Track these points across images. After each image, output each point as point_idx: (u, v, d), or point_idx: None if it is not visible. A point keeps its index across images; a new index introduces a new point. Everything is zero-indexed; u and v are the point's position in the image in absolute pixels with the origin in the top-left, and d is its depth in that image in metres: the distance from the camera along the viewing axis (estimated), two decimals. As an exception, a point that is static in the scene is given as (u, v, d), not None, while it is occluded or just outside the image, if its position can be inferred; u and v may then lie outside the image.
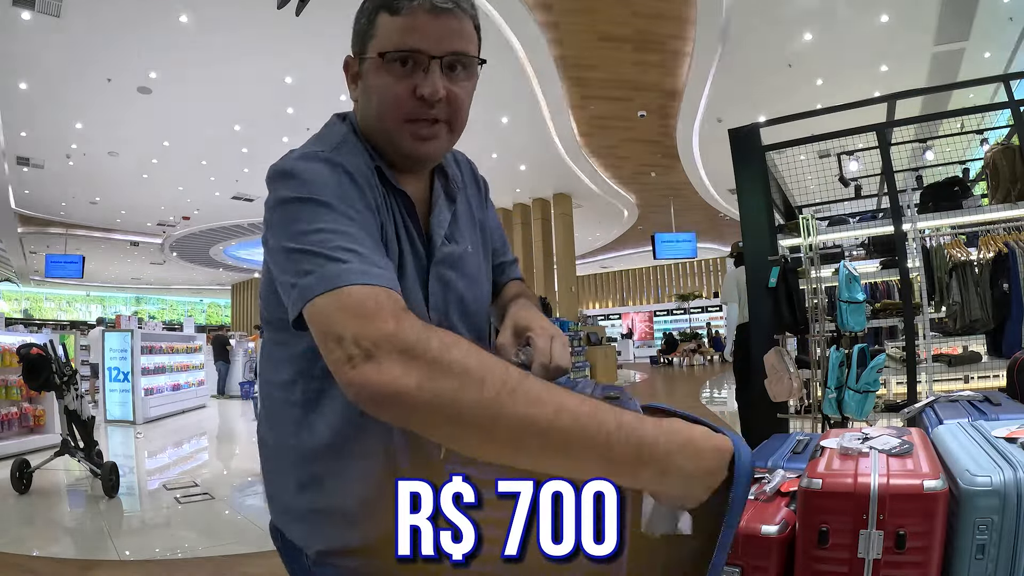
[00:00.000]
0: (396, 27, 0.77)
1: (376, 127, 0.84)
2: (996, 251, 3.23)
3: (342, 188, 0.74)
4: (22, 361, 4.68)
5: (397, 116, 0.80)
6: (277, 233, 0.73)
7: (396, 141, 0.82)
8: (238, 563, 3.04)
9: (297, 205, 0.72)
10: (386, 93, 0.80)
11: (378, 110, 0.82)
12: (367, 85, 0.83)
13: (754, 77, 8.43)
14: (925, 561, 1.16)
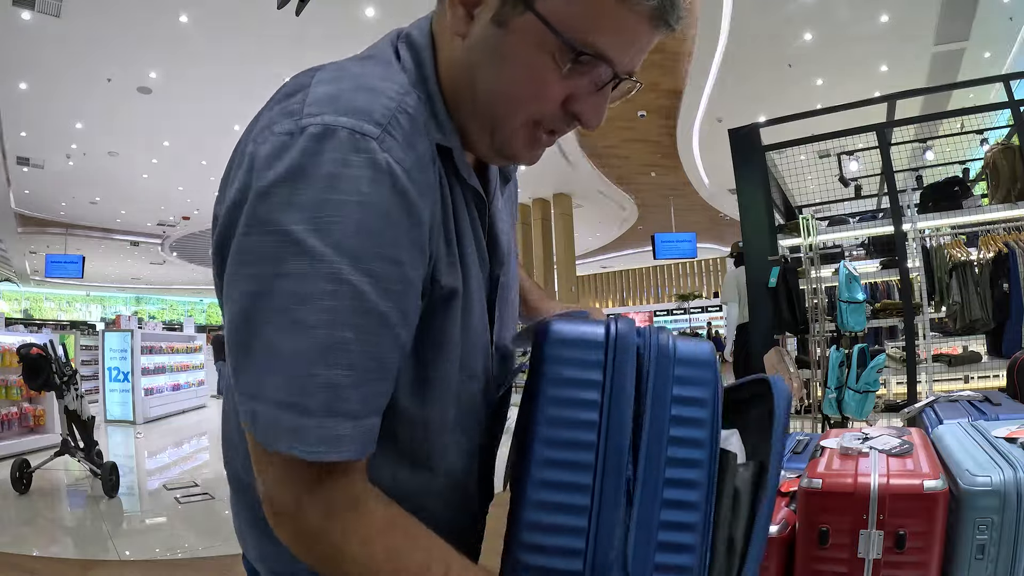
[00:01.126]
0: (608, 12, 0.51)
1: (487, 106, 0.57)
2: (996, 251, 3.23)
3: (383, 223, 0.48)
4: (22, 361, 4.68)
5: (527, 114, 0.57)
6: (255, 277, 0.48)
7: (505, 137, 0.58)
8: (238, 563, 3.03)
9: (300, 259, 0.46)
10: (537, 82, 0.54)
11: (509, 92, 0.56)
12: (506, 48, 0.53)
13: (754, 77, 8.42)
14: (925, 561, 1.16)
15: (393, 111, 0.50)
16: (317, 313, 0.46)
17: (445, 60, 0.58)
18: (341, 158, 0.47)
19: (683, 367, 0.56)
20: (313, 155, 0.46)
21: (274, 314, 0.47)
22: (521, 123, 0.57)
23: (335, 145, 0.47)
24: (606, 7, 0.50)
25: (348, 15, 6.83)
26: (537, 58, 0.52)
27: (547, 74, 0.53)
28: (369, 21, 6.95)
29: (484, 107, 0.57)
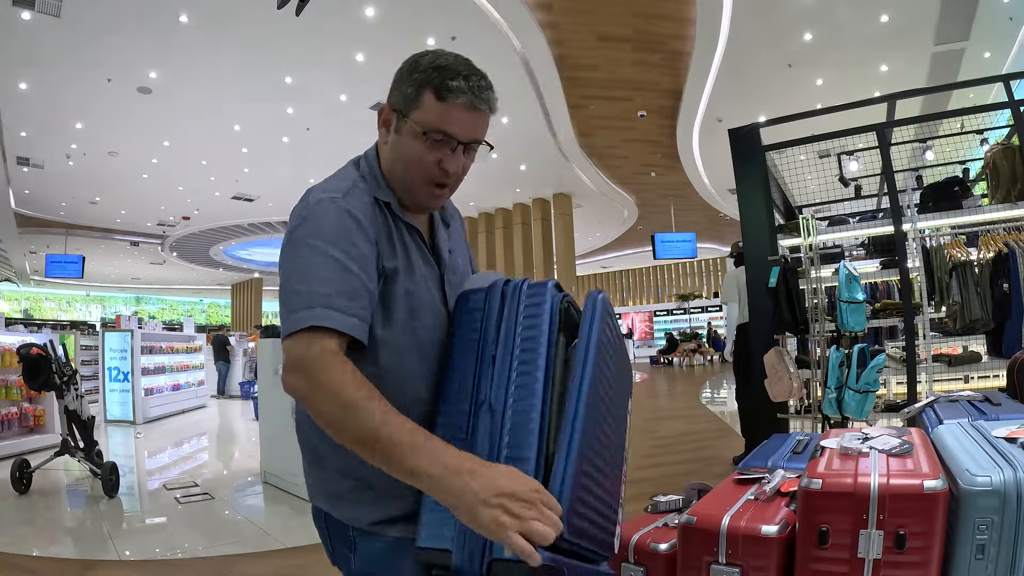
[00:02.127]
0: (438, 111, 0.96)
1: (401, 177, 1.02)
2: (996, 251, 3.23)
3: (344, 229, 0.93)
4: (22, 361, 4.68)
5: (422, 177, 1.01)
6: (285, 265, 0.95)
7: (416, 194, 1.03)
8: (238, 563, 3.03)
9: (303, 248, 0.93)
10: (418, 158, 0.99)
11: (406, 167, 1.01)
12: (401, 143, 1.00)
13: (754, 77, 8.42)
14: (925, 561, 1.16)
15: (345, 188, 0.98)
16: (318, 269, 0.90)
17: (383, 158, 1.05)
18: (325, 207, 0.95)
19: (528, 296, 0.98)
20: (313, 207, 0.96)
21: (296, 273, 0.92)
22: (422, 184, 1.01)
23: (320, 201, 0.96)
24: (439, 108, 0.95)
25: (348, 15, 6.83)
26: (416, 144, 0.98)
27: (424, 152, 0.98)
28: (369, 21, 6.95)
29: (403, 178, 1.02)
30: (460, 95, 0.95)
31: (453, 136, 0.97)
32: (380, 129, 1.04)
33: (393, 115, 1.00)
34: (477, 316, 0.99)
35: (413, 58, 1.00)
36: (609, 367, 0.99)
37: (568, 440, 0.85)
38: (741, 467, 1.77)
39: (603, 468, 0.95)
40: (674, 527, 1.56)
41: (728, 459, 4.73)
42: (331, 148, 11.02)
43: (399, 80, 1.00)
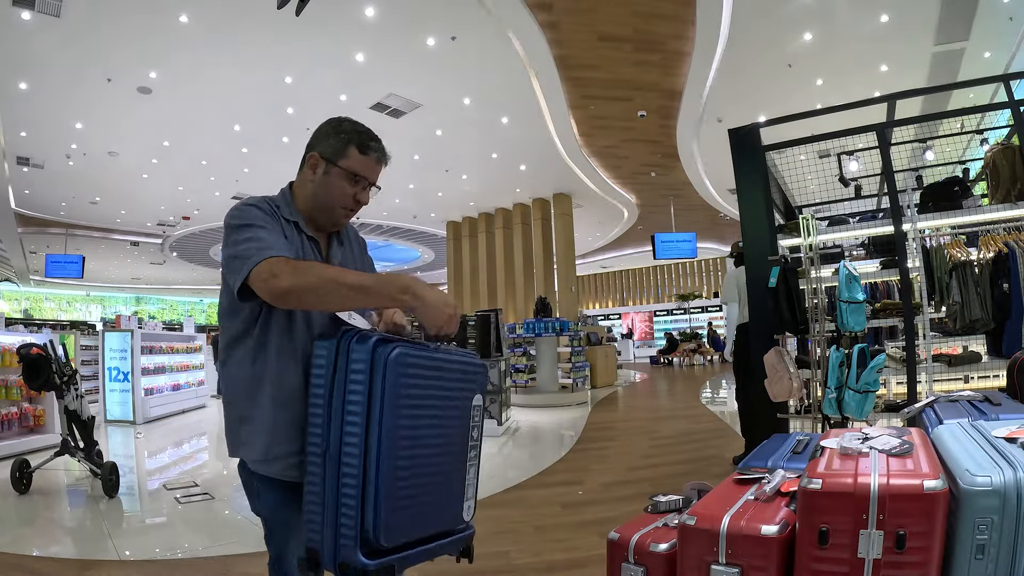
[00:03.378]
0: (359, 160, 1.43)
1: (323, 202, 1.44)
2: (996, 251, 3.24)
3: (259, 218, 1.34)
4: (22, 361, 4.68)
5: (341, 204, 1.44)
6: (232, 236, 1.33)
7: (333, 215, 1.45)
8: (238, 563, 3.03)
9: (239, 233, 1.32)
10: (340, 192, 1.43)
11: (329, 196, 1.43)
12: (328, 181, 1.42)
13: (754, 77, 8.42)
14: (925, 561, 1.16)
15: (261, 200, 1.40)
16: (248, 241, 1.28)
17: (300, 191, 1.46)
18: (245, 207, 1.37)
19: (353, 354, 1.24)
20: (239, 207, 1.38)
21: (233, 245, 1.30)
22: (339, 209, 1.44)
23: (244, 204, 1.38)
24: (361, 159, 1.42)
25: (348, 15, 6.83)
26: (340, 182, 1.41)
27: (346, 187, 1.42)
28: (369, 21, 6.95)
29: (324, 203, 1.43)
30: (375, 152, 1.44)
31: (367, 179, 1.44)
32: (306, 170, 1.44)
33: (321, 161, 1.42)
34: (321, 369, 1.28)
35: (336, 120, 1.49)
36: (416, 406, 1.24)
37: (375, 475, 1.16)
38: (741, 467, 1.77)
39: (425, 473, 1.25)
40: (674, 527, 1.56)
41: (728, 459, 4.73)
42: (331, 148, 11.04)
43: (325, 135, 1.45)
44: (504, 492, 4.32)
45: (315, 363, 1.27)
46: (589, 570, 2.66)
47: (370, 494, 1.16)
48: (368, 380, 1.19)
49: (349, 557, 1.15)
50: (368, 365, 1.19)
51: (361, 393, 1.18)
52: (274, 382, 1.32)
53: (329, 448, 1.20)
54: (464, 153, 11.59)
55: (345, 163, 1.41)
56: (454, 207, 15.59)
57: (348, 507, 1.17)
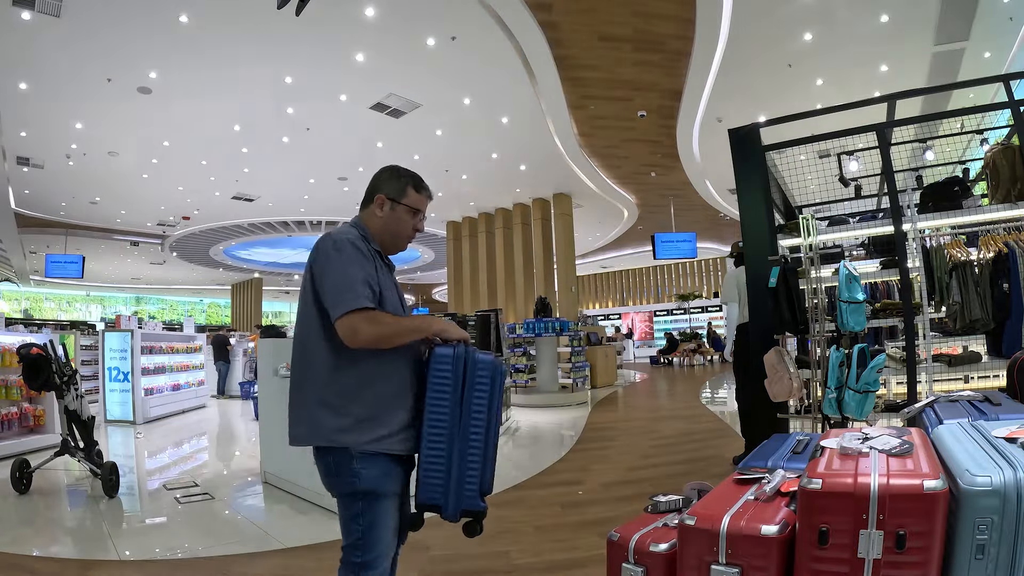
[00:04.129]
0: (416, 198, 1.84)
1: (392, 232, 1.82)
2: (996, 251, 3.23)
3: (353, 249, 1.67)
4: (22, 361, 4.68)
5: (406, 233, 1.85)
6: (329, 267, 1.65)
7: (399, 242, 1.85)
8: (238, 563, 3.03)
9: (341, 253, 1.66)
10: (405, 223, 1.83)
11: (398, 227, 1.82)
12: (395, 215, 1.81)
13: (754, 77, 8.42)
14: (925, 561, 1.16)
15: (349, 233, 1.73)
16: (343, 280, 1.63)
17: (372, 225, 1.81)
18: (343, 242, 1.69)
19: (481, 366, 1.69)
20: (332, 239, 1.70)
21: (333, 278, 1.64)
22: (405, 237, 1.85)
23: (338, 237, 1.71)
24: (417, 198, 1.85)
25: (348, 15, 6.83)
26: (406, 215, 1.83)
27: (409, 219, 1.84)
28: (369, 21, 6.95)
29: (393, 233, 1.83)
30: (425, 191, 1.87)
31: (422, 211, 1.86)
32: (373, 208, 1.80)
33: (387, 201, 1.80)
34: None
35: (392, 168, 1.86)
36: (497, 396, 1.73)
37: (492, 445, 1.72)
38: (741, 467, 1.77)
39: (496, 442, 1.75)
40: (674, 527, 1.56)
41: (728, 459, 4.73)
42: (331, 148, 11.04)
43: (387, 180, 1.82)
44: (504, 492, 4.32)
45: (440, 366, 1.66)
46: (589, 570, 2.66)
47: (489, 459, 1.68)
48: (491, 380, 1.68)
49: (473, 504, 1.65)
50: (490, 370, 1.68)
51: (485, 388, 1.67)
52: (387, 377, 1.67)
53: (459, 428, 1.65)
54: (464, 153, 11.59)
55: (407, 200, 1.81)
56: (454, 207, 15.59)
57: (472, 470, 1.65)
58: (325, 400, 1.62)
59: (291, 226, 16.75)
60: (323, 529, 3.52)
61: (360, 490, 1.62)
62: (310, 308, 1.67)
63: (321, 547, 3.24)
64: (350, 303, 1.56)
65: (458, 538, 2.22)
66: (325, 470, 1.66)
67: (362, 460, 1.62)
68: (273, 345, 4.67)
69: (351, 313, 1.56)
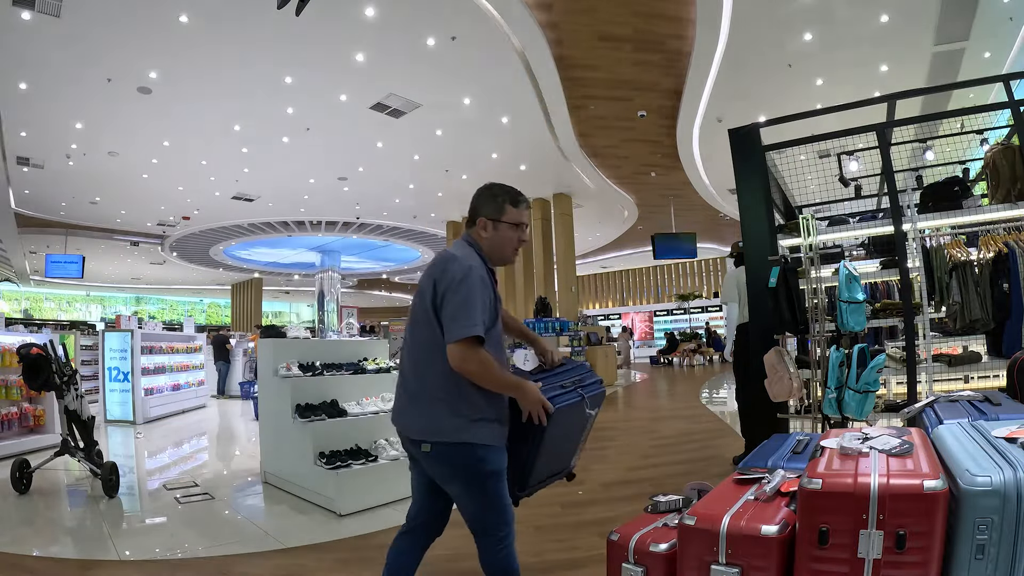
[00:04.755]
0: (515, 213, 1.98)
1: (499, 249, 1.99)
2: (996, 251, 3.23)
3: (479, 279, 1.85)
4: (22, 361, 4.68)
5: (512, 247, 2.00)
6: (454, 293, 1.82)
7: (506, 256, 2.01)
8: (238, 563, 3.03)
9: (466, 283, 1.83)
10: (509, 239, 1.98)
11: (503, 244, 1.98)
12: (499, 234, 1.97)
13: (754, 77, 8.42)
14: (925, 561, 1.16)
15: (473, 257, 1.94)
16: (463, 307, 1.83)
17: (483, 244, 1.99)
18: (470, 270, 1.87)
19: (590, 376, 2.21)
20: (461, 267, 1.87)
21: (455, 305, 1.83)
22: (511, 251, 2.02)
23: (467, 265, 1.88)
24: (516, 212, 1.99)
25: (348, 15, 6.83)
26: (509, 232, 1.99)
27: (513, 234, 2.00)
28: (369, 21, 6.95)
29: (499, 250, 2.00)
30: (523, 203, 2.00)
31: (524, 224, 2.00)
32: (478, 230, 1.97)
33: (489, 222, 1.96)
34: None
35: (486, 187, 1.99)
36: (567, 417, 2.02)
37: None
38: (741, 467, 1.77)
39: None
40: (674, 527, 1.56)
41: (728, 459, 4.73)
42: (331, 148, 11.04)
43: (485, 201, 1.97)
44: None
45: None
46: (589, 570, 2.66)
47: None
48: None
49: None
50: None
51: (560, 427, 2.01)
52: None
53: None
54: (464, 153, 11.59)
55: (506, 218, 1.95)
56: (454, 207, 15.59)
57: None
58: (444, 400, 1.86)
59: (291, 226, 16.75)
60: (323, 529, 3.52)
61: (495, 470, 1.89)
62: (430, 317, 1.87)
63: (321, 547, 3.24)
64: (467, 331, 1.76)
65: (458, 538, 2.21)
66: (449, 464, 1.89)
67: (491, 450, 1.88)
68: (273, 345, 4.67)
69: (464, 341, 1.77)
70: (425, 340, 1.89)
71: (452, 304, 1.79)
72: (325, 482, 3.90)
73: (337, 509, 3.78)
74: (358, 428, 4.33)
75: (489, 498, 1.89)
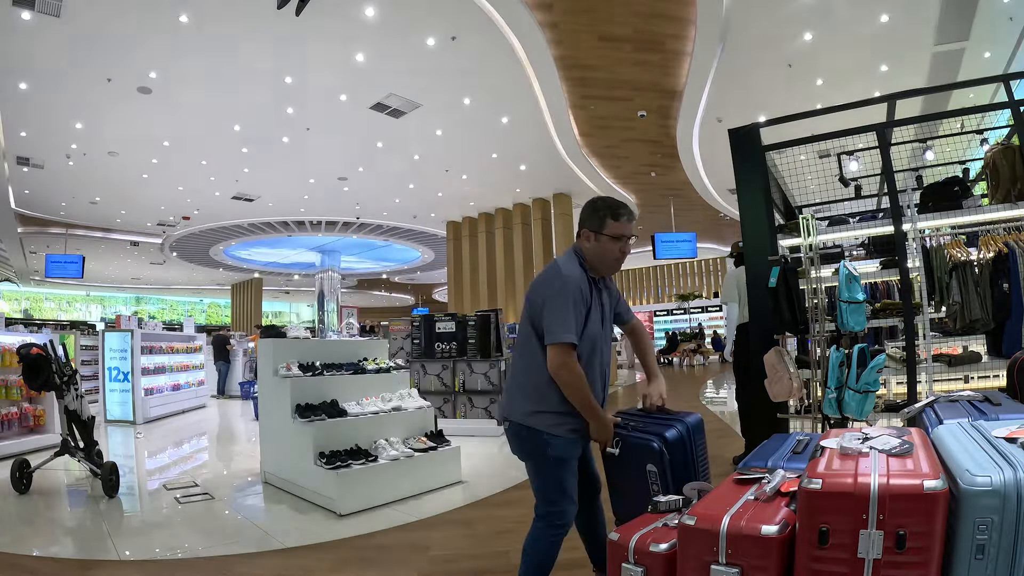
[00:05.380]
0: (616, 226, 2.13)
1: (601, 260, 2.16)
2: (996, 251, 3.23)
3: (575, 290, 2.07)
4: (22, 361, 4.68)
5: (614, 258, 2.15)
6: (552, 301, 2.08)
7: (610, 267, 2.18)
8: (238, 563, 3.03)
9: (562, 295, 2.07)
10: (611, 250, 2.14)
11: (605, 255, 2.15)
12: (601, 245, 2.14)
13: (754, 77, 8.42)
14: (925, 561, 1.16)
15: (574, 269, 2.16)
16: (559, 314, 2.09)
17: (585, 251, 2.20)
18: (567, 279, 2.13)
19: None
20: (561, 278, 2.13)
21: (552, 312, 2.10)
22: (613, 261, 2.19)
23: (565, 277, 2.13)
24: (617, 225, 2.15)
25: (348, 15, 6.83)
26: (610, 244, 2.15)
27: (614, 246, 2.16)
28: (369, 21, 6.95)
29: (601, 260, 2.18)
30: (624, 216, 2.13)
31: (626, 236, 2.14)
32: (582, 241, 2.17)
33: (591, 234, 2.14)
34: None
35: (591, 202, 2.19)
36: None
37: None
38: (741, 467, 1.77)
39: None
40: (674, 527, 1.56)
41: (728, 459, 4.73)
42: (331, 148, 11.03)
43: (588, 215, 2.15)
44: (504, 492, 4.32)
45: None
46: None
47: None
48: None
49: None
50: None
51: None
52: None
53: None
54: (464, 153, 11.59)
55: (607, 231, 2.11)
56: (454, 207, 15.59)
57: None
58: (523, 388, 2.20)
59: (291, 226, 16.75)
60: (323, 529, 3.52)
61: (555, 456, 2.17)
62: (529, 319, 2.17)
63: (321, 547, 3.24)
64: (559, 337, 2.04)
65: (458, 538, 2.21)
66: (519, 440, 2.25)
67: (549, 436, 2.15)
68: (273, 345, 4.67)
69: (558, 346, 2.05)
70: (522, 338, 2.22)
71: (549, 312, 2.07)
72: (325, 482, 3.90)
73: (337, 509, 3.78)
74: (358, 428, 4.33)
75: (546, 480, 2.20)
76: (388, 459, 4.12)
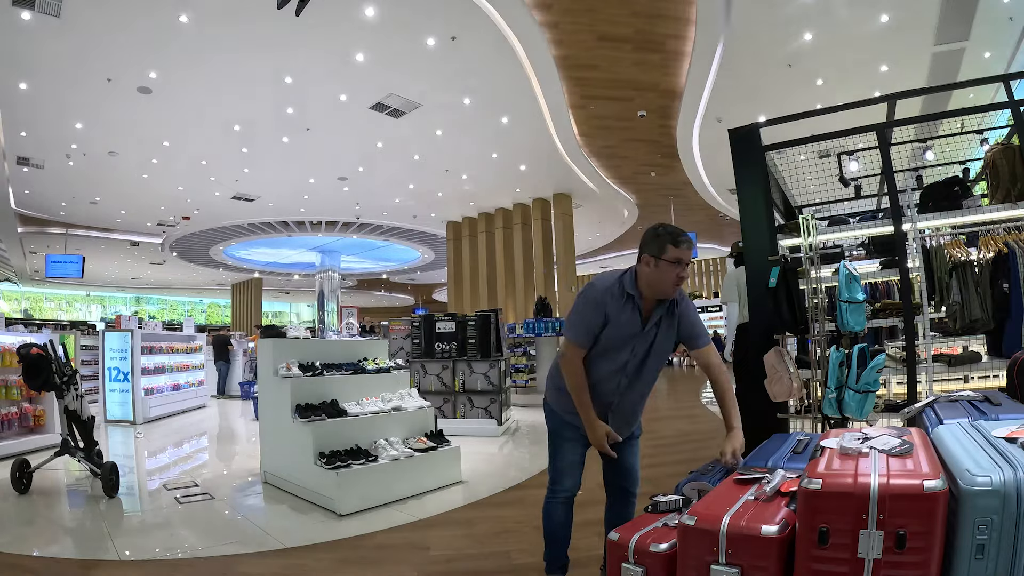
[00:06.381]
0: (675, 252, 2.17)
1: (658, 283, 2.21)
2: (996, 251, 3.23)
3: (593, 299, 2.27)
4: (22, 361, 4.68)
5: (671, 282, 2.20)
6: (575, 303, 2.34)
7: (666, 290, 2.22)
8: (238, 563, 3.03)
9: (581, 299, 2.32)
10: (668, 275, 2.19)
11: (662, 279, 2.19)
12: (659, 270, 2.18)
13: (754, 77, 8.42)
14: (925, 561, 1.16)
15: (609, 282, 2.32)
16: (575, 315, 2.35)
17: (641, 276, 2.27)
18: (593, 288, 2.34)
19: None
20: (590, 286, 2.36)
21: (574, 311, 2.36)
22: (671, 285, 2.23)
23: (592, 285, 2.36)
24: (675, 250, 2.19)
25: (348, 15, 6.83)
26: (669, 269, 2.20)
27: (672, 269, 2.20)
28: (369, 21, 6.95)
29: (658, 282, 2.23)
30: (684, 243, 2.18)
31: (684, 261, 2.19)
32: (642, 266, 2.22)
33: (651, 259, 2.18)
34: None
35: (652, 228, 2.24)
36: None
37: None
38: (741, 467, 1.77)
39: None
40: (674, 527, 1.56)
41: (728, 459, 4.72)
42: (331, 148, 11.03)
43: (649, 241, 2.20)
44: (504, 492, 4.32)
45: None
46: (589, 570, 2.66)
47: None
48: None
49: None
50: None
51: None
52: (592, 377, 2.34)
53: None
54: (464, 153, 11.59)
55: (666, 256, 2.17)
56: (454, 207, 15.59)
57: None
58: (552, 374, 2.52)
59: (291, 226, 16.75)
60: (323, 529, 3.52)
61: (548, 428, 2.53)
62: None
63: (321, 547, 3.24)
64: (566, 333, 2.36)
65: (458, 538, 2.21)
66: (544, 413, 2.58)
67: (549, 408, 2.53)
68: (273, 345, 4.67)
69: (565, 339, 2.36)
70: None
71: (570, 311, 2.38)
72: (325, 482, 3.90)
73: (337, 509, 3.78)
74: (358, 428, 4.33)
75: (550, 450, 2.52)
76: (388, 459, 4.12)
